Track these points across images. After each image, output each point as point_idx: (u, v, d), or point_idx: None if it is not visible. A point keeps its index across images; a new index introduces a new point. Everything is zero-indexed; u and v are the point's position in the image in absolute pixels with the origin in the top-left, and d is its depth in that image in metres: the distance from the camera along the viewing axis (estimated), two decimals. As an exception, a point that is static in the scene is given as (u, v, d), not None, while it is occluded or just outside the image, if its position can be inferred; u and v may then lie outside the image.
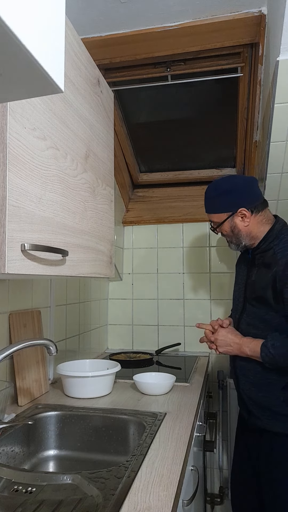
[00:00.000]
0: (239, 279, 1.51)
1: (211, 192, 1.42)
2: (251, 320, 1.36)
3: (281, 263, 1.27)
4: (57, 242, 0.89)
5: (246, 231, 1.38)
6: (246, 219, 1.37)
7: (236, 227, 1.39)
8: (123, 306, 2.38)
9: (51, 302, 1.57)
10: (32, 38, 0.33)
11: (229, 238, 1.44)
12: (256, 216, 1.38)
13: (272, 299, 1.28)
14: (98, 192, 1.19)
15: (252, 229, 1.38)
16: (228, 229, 1.41)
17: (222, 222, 1.40)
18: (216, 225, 1.43)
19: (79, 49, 1.06)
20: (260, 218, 1.38)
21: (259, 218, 1.38)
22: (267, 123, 1.53)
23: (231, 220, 1.39)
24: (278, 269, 1.27)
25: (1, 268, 0.70)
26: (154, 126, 2.03)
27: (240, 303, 1.44)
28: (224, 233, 1.44)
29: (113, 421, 1.17)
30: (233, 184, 1.38)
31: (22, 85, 0.39)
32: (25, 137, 0.77)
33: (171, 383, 1.41)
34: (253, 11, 1.35)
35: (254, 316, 1.35)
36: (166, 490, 0.77)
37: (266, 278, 1.31)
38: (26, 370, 1.30)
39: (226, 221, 1.39)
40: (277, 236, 1.34)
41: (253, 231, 1.38)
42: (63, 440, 1.19)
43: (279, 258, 1.28)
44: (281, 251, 1.30)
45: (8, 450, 1.03)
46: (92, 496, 0.77)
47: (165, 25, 1.42)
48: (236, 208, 1.37)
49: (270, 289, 1.28)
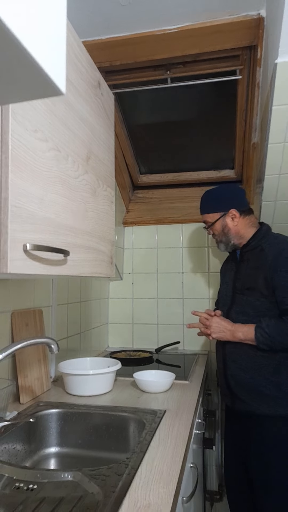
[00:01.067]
0: (226, 278, 1.66)
1: (206, 197, 1.63)
2: (241, 308, 1.49)
3: (270, 256, 1.45)
4: (58, 242, 0.91)
5: (235, 230, 1.56)
6: (236, 219, 1.56)
7: (226, 226, 1.57)
8: (124, 305, 2.39)
9: (52, 301, 1.58)
10: (33, 40, 0.34)
11: (219, 238, 1.61)
12: (244, 218, 1.57)
13: (264, 288, 1.43)
14: (99, 193, 1.20)
15: (240, 229, 1.56)
16: (220, 229, 1.59)
17: (215, 221, 1.58)
18: (209, 225, 1.61)
19: (80, 51, 1.07)
20: (247, 221, 1.57)
21: (247, 220, 1.57)
22: (265, 125, 1.54)
23: (223, 220, 1.57)
24: (268, 259, 1.44)
25: (4, 268, 0.71)
26: (154, 128, 2.04)
27: (229, 297, 1.58)
28: (215, 233, 1.61)
29: (114, 419, 1.18)
30: (225, 190, 1.61)
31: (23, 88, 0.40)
32: (26, 139, 0.78)
33: (171, 381, 1.42)
34: (251, 14, 1.36)
35: (244, 303, 1.48)
36: (165, 487, 0.78)
37: (257, 270, 1.47)
38: (28, 368, 1.31)
39: (218, 220, 1.58)
40: (264, 236, 1.52)
41: (241, 231, 1.56)
42: (64, 437, 1.20)
43: (267, 252, 1.47)
44: (268, 247, 1.48)
45: (9, 447, 1.05)
46: (92, 493, 0.78)
47: (165, 28, 1.43)
48: (227, 209, 1.56)
49: (262, 279, 1.44)
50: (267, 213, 1.88)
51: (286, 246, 1.44)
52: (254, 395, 1.42)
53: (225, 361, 1.52)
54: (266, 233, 1.53)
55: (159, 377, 1.51)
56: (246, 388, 1.44)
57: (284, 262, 1.41)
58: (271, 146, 1.52)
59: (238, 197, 1.58)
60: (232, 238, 1.57)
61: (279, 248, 1.44)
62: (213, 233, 1.62)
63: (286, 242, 1.47)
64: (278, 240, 1.49)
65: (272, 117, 1.42)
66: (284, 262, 1.41)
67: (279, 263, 1.41)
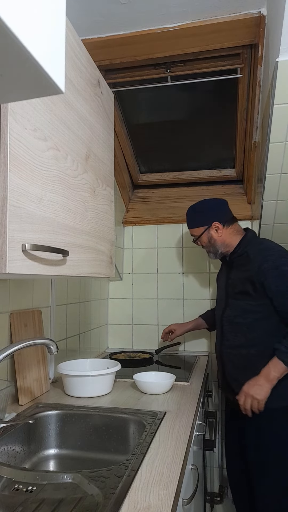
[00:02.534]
0: (220, 284, 1.76)
1: (190, 212, 1.75)
2: (233, 311, 1.60)
3: (255, 262, 1.54)
4: (57, 242, 0.90)
5: (220, 240, 1.68)
6: (220, 231, 1.67)
7: (212, 237, 1.68)
8: (123, 305, 2.39)
9: (51, 301, 1.57)
10: (32, 39, 0.34)
11: (207, 248, 1.73)
12: (227, 229, 1.68)
13: (252, 291, 1.53)
14: (98, 193, 1.19)
15: (225, 238, 1.67)
16: (206, 240, 1.71)
17: (201, 234, 1.70)
18: (196, 238, 1.73)
19: (80, 50, 1.07)
20: (231, 230, 1.68)
21: (230, 230, 1.68)
22: (266, 124, 1.54)
23: (208, 232, 1.69)
24: (254, 265, 1.53)
25: (2, 268, 0.70)
26: (154, 127, 2.04)
27: (223, 301, 1.68)
28: (203, 244, 1.73)
29: (113, 420, 1.17)
30: (206, 204, 1.72)
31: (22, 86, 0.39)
32: (26, 138, 0.77)
33: (171, 382, 1.41)
34: (252, 12, 1.35)
35: (236, 307, 1.59)
36: (166, 489, 0.77)
37: (244, 275, 1.57)
38: (27, 369, 1.31)
39: (204, 233, 1.70)
40: (249, 243, 1.62)
41: (227, 240, 1.67)
42: (63, 439, 1.20)
43: (252, 258, 1.56)
44: (253, 253, 1.57)
45: (8, 449, 1.04)
46: (92, 495, 0.78)
47: (165, 26, 1.43)
48: (210, 222, 1.67)
49: (249, 283, 1.54)
50: (268, 213, 1.87)
51: (271, 252, 1.53)
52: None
53: (222, 360, 1.64)
54: (251, 239, 1.64)
55: (159, 378, 1.51)
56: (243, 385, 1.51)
57: (271, 268, 1.49)
58: (272, 145, 1.52)
59: (219, 210, 1.70)
60: (219, 247, 1.69)
61: (264, 255, 1.53)
62: (201, 245, 1.74)
63: (270, 248, 1.56)
64: (262, 246, 1.59)
65: (273, 116, 1.41)
66: (271, 268, 1.49)
67: (266, 269, 1.49)
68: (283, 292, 1.46)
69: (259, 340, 1.52)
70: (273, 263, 1.48)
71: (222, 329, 1.65)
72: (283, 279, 1.46)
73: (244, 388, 1.47)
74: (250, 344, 1.53)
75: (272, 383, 1.44)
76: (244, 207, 2.27)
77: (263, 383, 1.44)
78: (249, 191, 2.20)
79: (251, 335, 1.53)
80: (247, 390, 1.46)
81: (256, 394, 1.43)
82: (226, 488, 2.05)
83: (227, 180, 2.29)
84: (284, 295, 1.46)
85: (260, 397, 1.43)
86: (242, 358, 1.55)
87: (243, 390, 1.47)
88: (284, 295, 1.46)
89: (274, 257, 1.50)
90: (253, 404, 1.45)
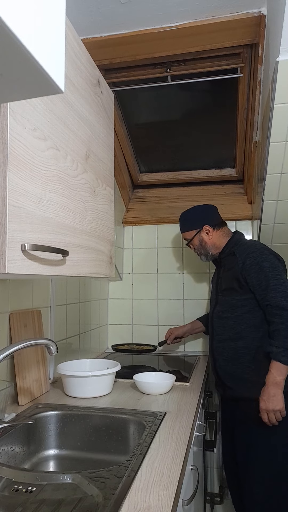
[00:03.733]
0: (212, 283, 1.86)
1: (183, 218, 1.86)
2: (222, 307, 1.70)
3: (240, 259, 1.64)
4: (57, 242, 0.90)
5: (211, 243, 1.79)
6: (210, 233, 1.79)
7: (203, 240, 1.80)
8: (123, 305, 2.38)
9: (51, 302, 1.57)
10: (32, 38, 0.33)
11: (199, 251, 1.84)
12: (217, 231, 1.79)
13: (238, 287, 1.64)
14: (98, 192, 1.19)
15: (215, 241, 1.79)
16: (198, 243, 1.82)
17: (193, 237, 1.82)
18: (188, 241, 1.85)
19: (79, 49, 1.06)
20: (221, 233, 1.80)
21: (220, 232, 1.80)
22: (266, 124, 1.53)
23: (199, 235, 1.81)
24: (239, 262, 1.64)
25: (2, 268, 0.70)
26: (154, 127, 2.03)
27: (214, 299, 1.78)
28: (195, 247, 1.85)
29: (113, 421, 1.17)
30: (197, 209, 1.84)
31: (22, 86, 0.39)
32: (25, 138, 0.77)
33: (171, 383, 1.41)
34: (253, 11, 1.35)
35: (224, 303, 1.69)
36: (166, 489, 0.77)
37: (231, 272, 1.67)
38: (26, 369, 1.30)
39: (195, 236, 1.82)
40: (236, 243, 1.73)
41: (217, 243, 1.79)
42: (63, 439, 1.20)
43: (238, 257, 1.66)
44: (239, 252, 1.67)
45: (8, 449, 1.04)
46: (92, 495, 0.78)
47: (165, 25, 1.42)
48: (201, 226, 1.79)
49: (235, 280, 1.64)
50: (268, 213, 1.87)
51: (253, 249, 1.64)
52: (238, 381, 1.60)
53: (213, 355, 1.71)
54: (238, 240, 1.75)
55: (159, 379, 1.50)
56: (232, 376, 1.61)
57: (253, 264, 1.59)
58: (273, 145, 1.52)
59: (209, 215, 1.82)
60: (209, 249, 1.80)
61: (248, 252, 1.64)
62: (193, 248, 1.85)
63: (253, 246, 1.66)
64: (247, 245, 1.69)
65: (273, 115, 1.41)
66: (253, 264, 1.59)
67: (248, 265, 1.60)
68: (264, 286, 1.55)
69: (245, 333, 1.60)
70: (255, 259, 1.59)
71: (213, 325, 1.73)
72: (263, 274, 1.56)
73: (262, 406, 1.48)
74: (237, 337, 1.61)
75: (281, 387, 1.46)
76: (244, 207, 2.27)
77: (275, 392, 1.46)
78: (249, 191, 2.20)
79: (238, 328, 1.62)
80: (265, 407, 1.46)
81: (275, 406, 1.45)
82: (226, 489, 2.05)
83: (227, 180, 2.29)
84: (265, 289, 1.54)
85: (279, 407, 1.45)
86: (231, 351, 1.63)
87: (262, 408, 1.48)
88: (265, 289, 1.54)
89: (255, 254, 1.61)
90: (276, 416, 1.47)
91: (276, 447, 1.50)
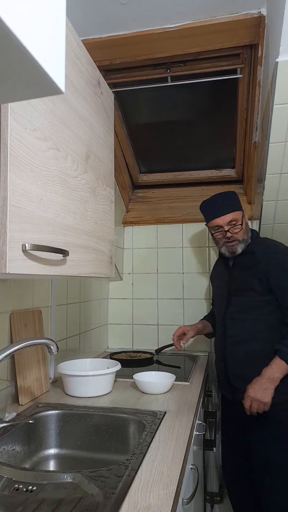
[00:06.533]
0: (218, 283, 1.76)
1: (226, 197, 1.64)
2: (236, 308, 1.61)
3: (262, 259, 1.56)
4: (57, 242, 0.90)
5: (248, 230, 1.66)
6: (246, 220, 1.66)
7: (247, 224, 1.64)
8: (123, 305, 2.39)
9: (52, 301, 1.57)
10: (33, 39, 0.34)
11: (241, 237, 1.61)
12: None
13: (259, 287, 1.55)
14: (98, 193, 1.19)
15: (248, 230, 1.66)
16: (244, 227, 1.62)
17: (242, 217, 1.62)
18: (238, 222, 1.60)
19: (80, 50, 1.07)
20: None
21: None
22: (266, 124, 1.54)
23: (245, 217, 1.64)
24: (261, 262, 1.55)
25: (2, 268, 0.70)
26: (154, 127, 2.04)
27: (225, 299, 1.67)
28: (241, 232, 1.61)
29: (113, 420, 1.17)
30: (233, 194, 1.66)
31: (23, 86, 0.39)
32: (26, 138, 0.77)
33: (171, 382, 1.41)
34: (252, 12, 1.35)
35: (239, 304, 1.60)
36: (166, 488, 0.77)
37: (249, 272, 1.58)
38: (27, 369, 1.31)
39: (244, 218, 1.63)
40: (254, 241, 1.64)
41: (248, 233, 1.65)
42: (63, 439, 1.20)
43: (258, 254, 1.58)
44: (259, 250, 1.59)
45: (9, 449, 1.04)
46: (92, 494, 0.78)
47: (165, 26, 1.43)
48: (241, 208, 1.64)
49: (256, 280, 1.55)
50: (268, 213, 1.87)
51: (277, 249, 1.58)
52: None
53: (225, 358, 1.64)
54: (255, 238, 1.66)
55: (159, 378, 1.51)
56: (246, 381, 1.52)
57: (277, 264, 1.53)
58: (272, 145, 1.52)
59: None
60: (248, 237, 1.64)
61: (270, 251, 1.57)
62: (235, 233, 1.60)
63: (275, 245, 1.61)
64: (266, 243, 1.63)
65: (273, 116, 1.41)
66: (277, 264, 1.53)
67: (273, 266, 1.53)
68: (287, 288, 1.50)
69: (261, 335, 1.54)
70: (280, 260, 1.54)
71: (225, 327, 1.64)
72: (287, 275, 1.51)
73: (249, 392, 1.46)
74: (252, 339, 1.55)
75: (275, 384, 1.45)
76: (244, 207, 2.27)
77: (268, 386, 1.44)
78: (249, 191, 2.20)
79: (254, 330, 1.55)
80: (253, 395, 1.45)
81: (263, 398, 1.44)
82: (226, 488, 2.05)
83: (227, 180, 2.29)
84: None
85: (267, 400, 1.44)
86: (245, 354, 1.57)
87: (248, 395, 1.46)
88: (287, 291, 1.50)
89: (280, 255, 1.55)
90: (260, 407, 1.45)
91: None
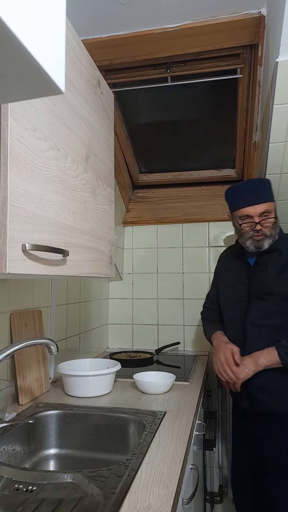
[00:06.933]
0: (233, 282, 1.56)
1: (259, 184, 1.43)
2: (259, 313, 1.45)
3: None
4: (57, 242, 0.90)
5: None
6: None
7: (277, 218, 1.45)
8: (123, 305, 2.39)
9: (52, 301, 1.57)
10: (33, 39, 0.34)
11: (270, 232, 1.42)
12: None
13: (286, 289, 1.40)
14: (98, 193, 1.19)
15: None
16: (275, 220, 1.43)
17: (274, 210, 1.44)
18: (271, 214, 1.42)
19: (80, 50, 1.07)
20: None
21: None
22: (266, 124, 1.54)
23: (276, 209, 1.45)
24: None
25: (2, 268, 0.70)
26: (154, 127, 2.04)
27: (244, 302, 1.50)
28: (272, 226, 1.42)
29: (113, 420, 1.17)
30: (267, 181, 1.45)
31: (23, 86, 0.40)
32: (26, 138, 0.77)
33: (171, 382, 1.41)
34: (252, 12, 1.35)
35: (264, 309, 1.44)
36: (166, 488, 0.77)
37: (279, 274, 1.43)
38: (27, 369, 1.31)
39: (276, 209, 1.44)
40: (279, 238, 1.47)
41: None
42: (63, 439, 1.20)
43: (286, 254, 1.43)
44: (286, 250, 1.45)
45: (9, 449, 1.04)
46: (92, 494, 0.78)
47: (165, 26, 1.43)
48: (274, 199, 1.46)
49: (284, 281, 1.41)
50: (267, 213, 1.87)
51: None
52: (275, 396, 1.43)
53: None
54: (281, 235, 1.47)
55: (159, 378, 1.51)
56: (268, 391, 1.44)
57: None
58: (272, 145, 1.52)
59: None
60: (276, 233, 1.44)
61: None
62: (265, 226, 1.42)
63: None
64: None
65: (273, 116, 1.41)
66: None
67: None
68: None
69: None
70: None
71: (244, 333, 1.48)
72: None
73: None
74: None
75: (257, 369, 1.39)
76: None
77: (249, 367, 1.40)
78: (249, 191, 2.20)
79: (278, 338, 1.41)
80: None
81: (237, 374, 1.40)
82: (226, 488, 2.05)
83: (227, 180, 2.29)
84: None
85: (241, 376, 1.39)
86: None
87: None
88: None
89: None
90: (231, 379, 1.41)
91: None
